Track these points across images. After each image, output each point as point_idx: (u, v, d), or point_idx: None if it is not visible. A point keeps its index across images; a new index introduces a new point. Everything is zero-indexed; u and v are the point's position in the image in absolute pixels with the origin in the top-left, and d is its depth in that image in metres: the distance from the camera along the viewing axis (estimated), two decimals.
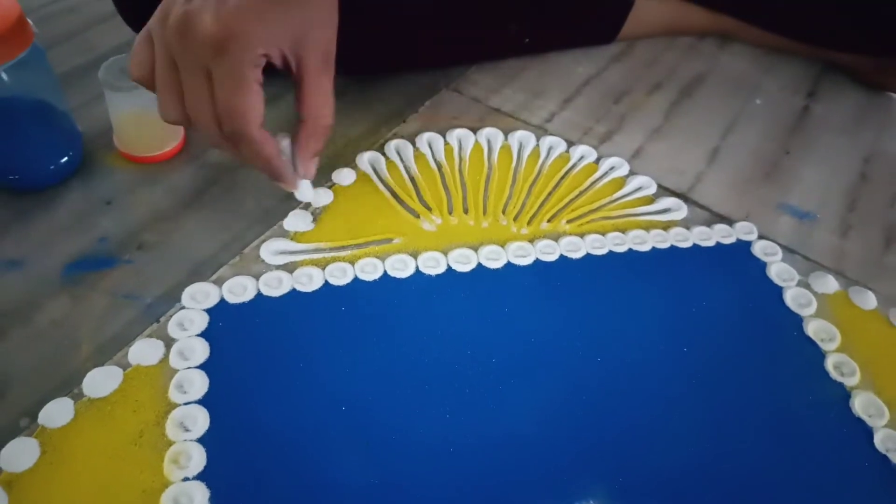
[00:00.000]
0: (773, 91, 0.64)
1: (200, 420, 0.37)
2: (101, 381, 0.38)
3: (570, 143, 0.55)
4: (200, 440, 0.36)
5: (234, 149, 0.41)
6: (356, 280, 0.44)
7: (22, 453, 0.35)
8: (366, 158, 0.52)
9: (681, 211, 0.51)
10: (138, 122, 0.49)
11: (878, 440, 0.39)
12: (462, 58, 0.63)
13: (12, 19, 0.41)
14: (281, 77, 0.42)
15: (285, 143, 0.43)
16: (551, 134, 0.56)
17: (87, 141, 0.50)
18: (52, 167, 0.47)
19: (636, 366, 0.41)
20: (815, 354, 0.43)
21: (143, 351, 0.39)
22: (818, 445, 0.39)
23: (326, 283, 0.44)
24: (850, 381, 0.42)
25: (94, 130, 0.52)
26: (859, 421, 0.40)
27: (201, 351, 0.40)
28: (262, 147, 0.40)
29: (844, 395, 0.42)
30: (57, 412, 0.37)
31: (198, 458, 0.35)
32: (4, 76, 0.42)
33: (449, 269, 0.45)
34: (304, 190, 0.44)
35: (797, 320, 0.45)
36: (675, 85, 0.63)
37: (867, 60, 0.65)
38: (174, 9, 0.37)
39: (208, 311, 0.42)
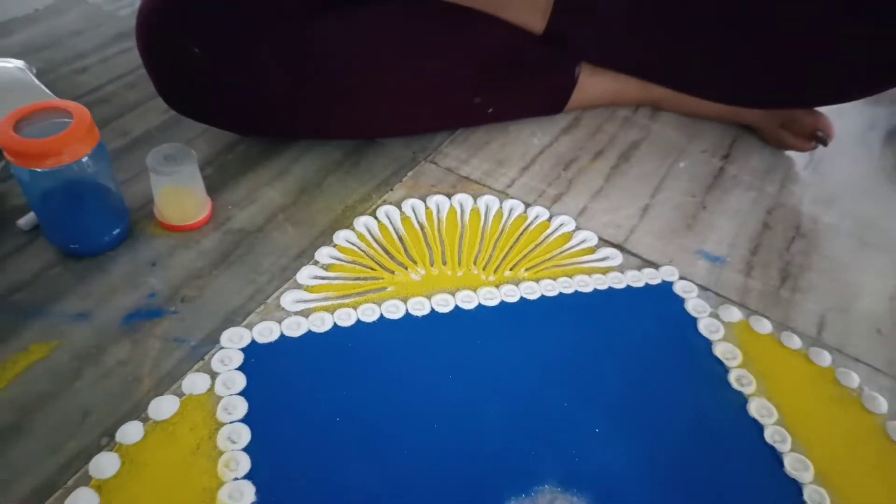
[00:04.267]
0: (695, 154, 0.77)
1: (244, 434, 0.47)
2: (162, 407, 0.48)
3: (528, 205, 0.68)
4: (245, 449, 0.46)
5: None
6: (359, 322, 0.55)
7: (107, 464, 0.45)
8: (361, 222, 0.63)
9: (617, 259, 0.63)
10: (176, 197, 0.60)
11: (768, 435, 0.51)
12: (439, 125, 0.75)
13: (87, 123, 0.52)
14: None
15: None
16: (512, 197, 0.68)
17: (130, 213, 0.61)
18: (106, 238, 0.58)
19: (582, 382, 0.53)
20: (721, 370, 0.55)
21: (194, 383, 0.50)
22: (722, 440, 0.51)
23: (335, 325, 0.55)
24: (748, 390, 0.54)
25: (135, 204, 0.63)
26: (754, 420, 0.52)
27: (240, 381, 0.50)
28: None
29: (743, 401, 0.53)
30: (130, 432, 0.47)
31: (245, 463, 0.46)
32: (75, 167, 0.53)
33: (432, 311, 0.57)
34: None
35: (707, 343, 0.57)
36: (615, 151, 0.76)
37: (769, 120, 0.78)
38: None
39: (243, 349, 0.52)
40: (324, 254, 0.60)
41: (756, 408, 0.53)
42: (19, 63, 0.71)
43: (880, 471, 0.50)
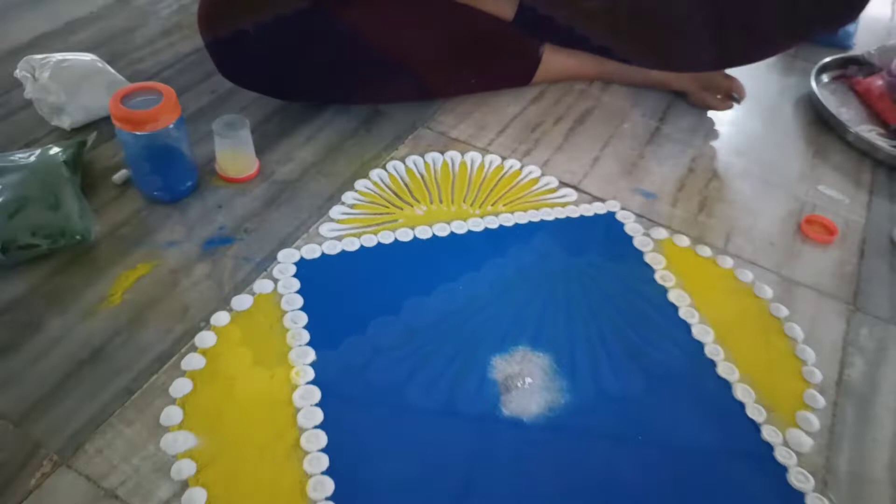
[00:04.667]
0: (636, 118, 0.96)
1: (302, 318, 0.66)
2: (242, 302, 0.67)
3: (504, 158, 0.86)
4: (305, 327, 0.65)
5: None
6: (379, 244, 0.74)
7: (207, 338, 0.64)
8: (375, 173, 0.82)
9: (573, 196, 0.82)
10: (233, 155, 0.78)
11: (681, 312, 0.70)
12: (434, 92, 0.94)
13: (174, 100, 0.70)
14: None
15: None
16: (491, 153, 0.87)
17: (197, 169, 0.79)
18: (182, 188, 0.76)
19: (545, 279, 0.72)
20: (650, 271, 0.74)
21: (262, 285, 0.68)
22: (647, 316, 0.70)
23: (362, 245, 0.73)
24: (669, 284, 0.73)
25: (200, 162, 0.81)
26: (672, 304, 0.71)
27: (296, 284, 0.69)
28: None
29: (664, 290, 0.72)
30: (221, 318, 0.65)
31: (305, 336, 0.64)
32: (165, 132, 0.71)
33: (433, 235, 0.75)
34: None
35: (640, 254, 0.76)
36: (572, 117, 0.95)
37: (695, 85, 0.97)
38: None
39: (295, 263, 0.71)
40: (349, 196, 0.79)
41: (674, 296, 0.72)
42: (92, 56, 0.88)
43: (763, 336, 0.70)
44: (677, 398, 0.64)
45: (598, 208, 0.81)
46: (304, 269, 0.71)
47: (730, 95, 0.96)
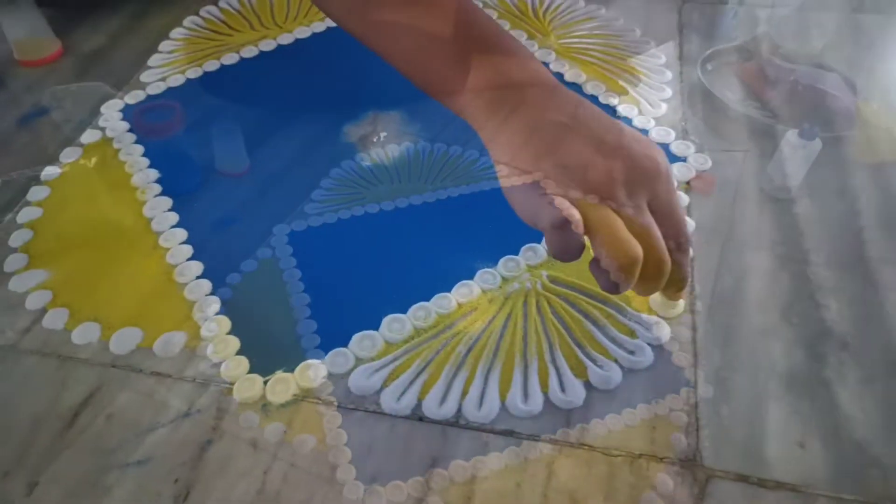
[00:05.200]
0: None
1: (298, 273, 0.85)
2: (249, 265, 0.86)
3: (449, 146, 1.06)
4: (300, 280, 0.84)
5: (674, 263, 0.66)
6: (352, 216, 0.93)
7: (232, 284, 0.82)
8: (345, 164, 1.01)
9: (505, 170, 1.02)
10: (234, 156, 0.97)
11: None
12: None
13: (181, 113, 0.89)
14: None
15: None
16: (439, 142, 1.07)
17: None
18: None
19: (485, 226, 0.92)
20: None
21: (263, 252, 0.87)
22: None
23: (339, 218, 0.92)
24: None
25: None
26: None
27: (289, 250, 0.88)
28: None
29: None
30: (248, 265, 0.84)
31: (301, 286, 0.83)
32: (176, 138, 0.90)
33: (395, 207, 0.95)
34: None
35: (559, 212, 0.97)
36: (504, 112, 1.15)
37: None
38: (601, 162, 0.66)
39: (287, 234, 0.90)
40: (326, 182, 0.98)
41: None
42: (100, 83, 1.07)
43: None
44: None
45: (526, 179, 1.01)
46: (295, 237, 0.90)
47: None
